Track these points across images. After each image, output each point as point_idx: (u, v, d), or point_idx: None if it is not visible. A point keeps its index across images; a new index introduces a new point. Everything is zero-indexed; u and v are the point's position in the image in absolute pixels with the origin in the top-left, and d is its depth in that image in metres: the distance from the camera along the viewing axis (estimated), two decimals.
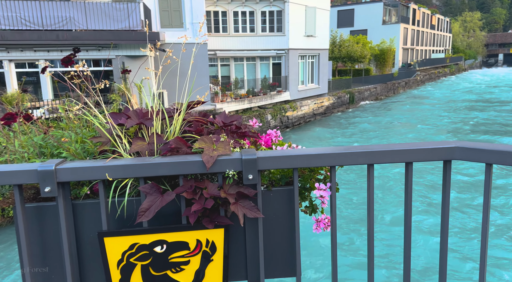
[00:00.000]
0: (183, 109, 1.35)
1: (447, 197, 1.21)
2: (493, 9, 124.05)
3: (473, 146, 1.13)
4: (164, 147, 1.24)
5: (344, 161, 1.18)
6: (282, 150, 1.26)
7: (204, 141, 1.22)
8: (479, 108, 27.01)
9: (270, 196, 1.28)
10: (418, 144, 1.18)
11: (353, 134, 20.69)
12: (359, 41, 37.52)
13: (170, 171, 1.17)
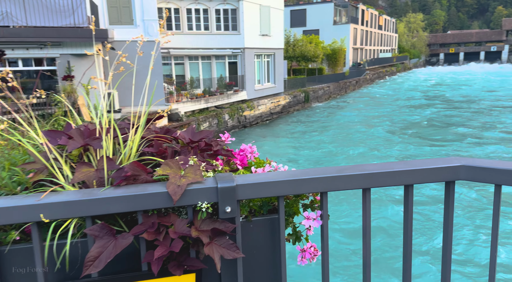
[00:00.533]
0: (141, 125, 1.10)
1: (450, 221, 1.07)
2: (434, 10, 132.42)
3: (480, 164, 1.00)
4: (118, 174, 0.99)
5: (337, 185, 1.00)
6: (265, 174, 1.05)
7: (169, 165, 0.99)
8: (426, 106, 28.42)
9: (250, 227, 1.07)
10: (419, 163, 1.03)
11: (313, 131, 20.96)
12: (312, 41, 38.25)
13: (126, 207, 0.93)
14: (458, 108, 26.27)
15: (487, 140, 17.29)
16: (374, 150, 16.03)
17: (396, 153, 15.48)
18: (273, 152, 16.45)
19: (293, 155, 15.95)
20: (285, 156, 15.79)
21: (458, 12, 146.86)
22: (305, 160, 14.89)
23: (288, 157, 15.60)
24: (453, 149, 16.13)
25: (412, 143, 17.06)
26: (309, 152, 16.17)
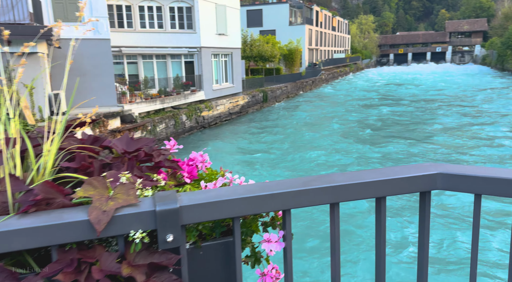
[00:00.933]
0: (58, 133, 0.88)
1: (426, 234, 0.95)
2: (383, 13, 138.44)
3: (459, 171, 0.88)
4: (25, 198, 0.77)
5: (301, 201, 0.84)
6: (217, 191, 0.85)
7: (93, 184, 0.78)
8: (379, 105, 29.50)
9: (199, 255, 0.88)
10: (392, 171, 0.90)
11: (271, 132, 20.96)
12: (269, 41, 38.48)
13: (34, 241, 0.71)
14: (408, 106, 27.45)
15: (437, 138, 18.16)
16: (332, 150, 16.16)
17: (354, 155, 15.63)
18: (229, 154, 16.15)
19: (250, 158, 15.72)
20: (242, 159, 15.44)
21: (406, 14, 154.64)
22: (262, 163, 14.61)
23: (245, 160, 15.28)
24: (408, 147, 16.75)
25: (367, 143, 17.32)
26: (267, 155, 15.90)
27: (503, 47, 55.59)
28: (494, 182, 0.84)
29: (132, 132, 17.08)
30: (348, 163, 14.08)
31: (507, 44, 54.02)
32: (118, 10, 21.35)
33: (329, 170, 13.36)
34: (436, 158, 14.65)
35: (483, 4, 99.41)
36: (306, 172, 13.16)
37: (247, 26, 49.58)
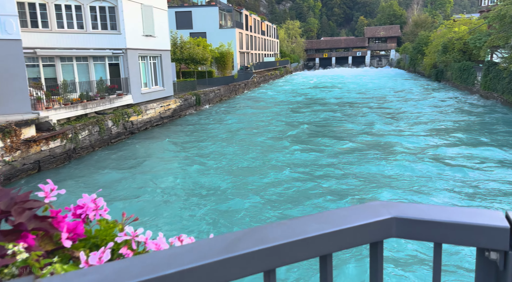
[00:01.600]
0: None
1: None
2: (308, 18, 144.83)
3: (417, 214, 0.72)
4: None
5: (221, 278, 0.61)
6: (99, 269, 0.58)
7: None
8: (306, 108, 30.18)
9: None
10: (337, 219, 0.70)
11: (203, 139, 20.43)
12: (200, 43, 37.93)
13: None
14: (335, 111, 28.35)
15: (364, 142, 18.88)
16: (265, 159, 15.61)
17: (284, 162, 15.05)
18: (155, 168, 14.89)
19: (177, 170, 14.44)
20: (168, 174, 13.90)
21: (329, 20, 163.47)
22: (191, 182, 13.08)
23: (172, 175, 13.84)
24: (335, 152, 17.26)
25: (298, 149, 16.90)
26: (197, 167, 14.56)
27: (414, 51, 61.21)
28: (458, 228, 0.70)
29: (49, 142, 15.53)
30: (272, 181, 12.82)
31: (417, 49, 59.58)
32: (31, 9, 19.37)
33: (254, 193, 11.78)
34: (363, 168, 15.12)
35: (396, 12, 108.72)
36: (224, 196, 11.71)
37: (177, 28, 48.42)
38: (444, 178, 12.63)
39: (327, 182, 12.53)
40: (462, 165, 13.90)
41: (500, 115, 23.74)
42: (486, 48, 28.97)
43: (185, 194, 12.07)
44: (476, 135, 18.61)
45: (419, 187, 11.83)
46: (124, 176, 13.91)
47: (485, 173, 12.99)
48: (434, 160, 14.59)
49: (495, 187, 11.69)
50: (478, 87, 33.12)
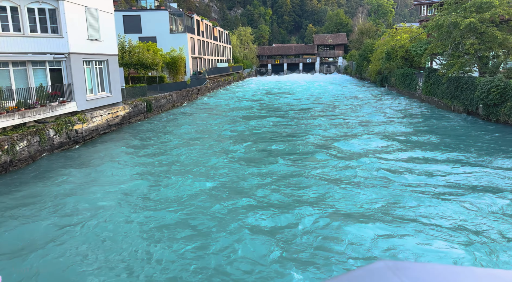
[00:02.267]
0: None
1: None
2: (260, 25, 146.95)
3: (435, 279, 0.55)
4: None
5: None
6: None
7: None
8: (259, 115, 29.70)
9: None
10: None
11: (152, 148, 19.63)
12: (150, 48, 36.88)
13: None
14: (285, 116, 28.27)
15: (317, 150, 18.96)
16: (216, 168, 14.83)
17: (237, 177, 14.08)
18: (95, 182, 13.47)
19: (119, 188, 12.89)
20: (107, 195, 12.29)
21: (280, 27, 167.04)
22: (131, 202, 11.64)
23: (110, 195, 12.24)
24: (286, 159, 17.23)
25: (245, 160, 15.88)
26: (142, 183, 13.25)
27: (360, 58, 64.12)
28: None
29: None
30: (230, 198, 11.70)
31: (363, 56, 62.46)
32: None
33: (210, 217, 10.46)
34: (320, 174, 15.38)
35: (342, 21, 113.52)
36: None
37: (125, 32, 46.83)
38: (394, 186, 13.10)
39: (270, 193, 12.03)
40: (410, 169, 14.53)
41: (440, 118, 25.37)
42: (426, 56, 30.95)
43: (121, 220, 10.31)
44: (420, 138, 19.66)
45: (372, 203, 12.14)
46: (58, 192, 12.51)
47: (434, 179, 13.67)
48: (381, 163, 15.16)
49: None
50: (420, 92, 35.25)
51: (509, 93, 20.99)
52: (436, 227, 9.44)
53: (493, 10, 23.76)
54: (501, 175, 13.20)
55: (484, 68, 25.90)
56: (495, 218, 9.86)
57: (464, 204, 10.77)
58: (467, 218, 9.94)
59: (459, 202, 10.96)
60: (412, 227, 9.48)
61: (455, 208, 10.52)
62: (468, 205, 10.70)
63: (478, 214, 10.15)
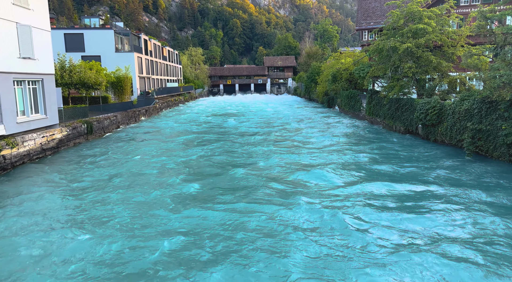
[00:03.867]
0: None
1: None
2: (211, 46, 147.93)
3: None
4: None
5: None
6: None
7: None
8: (208, 140, 27.70)
9: None
10: None
11: (91, 179, 18.02)
12: (93, 67, 35.20)
13: None
14: (237, 143, 25.74)
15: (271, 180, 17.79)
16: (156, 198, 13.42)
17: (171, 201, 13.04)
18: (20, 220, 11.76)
19: (46, 224, 11.27)
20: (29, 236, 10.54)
21: (231, 49, 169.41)
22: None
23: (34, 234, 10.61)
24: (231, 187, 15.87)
25: (186, 191, 14.41)
26: (72, 219, 11.65)
27: (308, 80, 66.19)
28: None
29: None
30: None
31: (311, 78, 64.55)
32: None
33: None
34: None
35: (291, 44, 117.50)
36: None
37: (66, 50, 44.61)
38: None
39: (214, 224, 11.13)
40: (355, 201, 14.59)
41: (382, 137, 26.36)
42: (368, 78, 32.41)
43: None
44: (362, 159, 20.11)
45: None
46: None
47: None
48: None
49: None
50: (364, 113, 36.71)
51: (445, 114, 22.30)
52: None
53: (427, 36, 25.48)
54: (435, 193, 13.66)
55: (422, 90, 27.52)
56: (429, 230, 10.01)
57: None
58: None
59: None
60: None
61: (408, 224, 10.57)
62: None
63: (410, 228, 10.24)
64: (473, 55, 21.66)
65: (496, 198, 13.04)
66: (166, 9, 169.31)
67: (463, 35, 26.49)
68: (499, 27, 20.68)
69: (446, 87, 27.04)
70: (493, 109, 18.31)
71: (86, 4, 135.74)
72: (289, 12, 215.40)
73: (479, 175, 16.08)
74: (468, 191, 13.84)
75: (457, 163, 18.26)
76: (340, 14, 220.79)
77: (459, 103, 20.86)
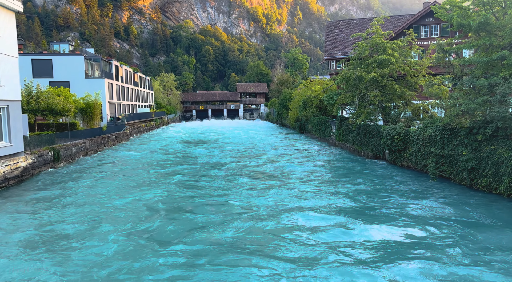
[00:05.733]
0: None
1: None
2: (184, 72, 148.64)
3: None
4: None
5: None
6: None
7: None
8: (177, 171, 25.87)
9: None
10: None
11: (55, 212, 17.20)
12: (61, 93, 34.49)
13: None
14: (205, 177, 23.05)
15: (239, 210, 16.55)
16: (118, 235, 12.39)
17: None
18: None
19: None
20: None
21: (203, 75, 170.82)
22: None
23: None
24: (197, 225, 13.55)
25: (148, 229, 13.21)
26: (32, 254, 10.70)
27: (280, 106, 67.50)
28: None
29: None
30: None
31: (282, 104, 65.89)
32: None
33: None
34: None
35: (263, 71, 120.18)
36: None
37: (33, 76, 43.61)
38: None
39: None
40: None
41: (350, 162, 27.05)
42: (337, 105, 33.55)
43: None
44: (332, 185, 20.50)
45: None
46: None
47: None
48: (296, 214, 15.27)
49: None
50: (334, 138, 37.68)
51: (410, 140, 23.30)
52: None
53: (391, 67, 26.90)
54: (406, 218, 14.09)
55: (387, 117, 28.73)
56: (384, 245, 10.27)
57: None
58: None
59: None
60: None
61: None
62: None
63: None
64: (434, 85, 23.02)
65: (451, 220, 13.63)
66: (138, 36, 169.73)
67: (424, 65, 28.18)
68: (457, 59, 22.19)
69: (410, 114, 28.38)
70: (454, 136, 19.35)
71: (55, 30, 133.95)
72: (261, 40, 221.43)
73: (440, 197, 16.82)
74: (429, 211, 14.41)
75: (422, 186, 18.99)
76: (310, 44, 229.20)
77: (422, 130, 21.90)
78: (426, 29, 37.41)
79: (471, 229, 12.75)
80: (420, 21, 37.43)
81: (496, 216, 14.19)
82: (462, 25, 19.63)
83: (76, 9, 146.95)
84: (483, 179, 17.43)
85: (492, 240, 11.78)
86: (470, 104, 17.69)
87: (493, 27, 18.85)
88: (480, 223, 13.43)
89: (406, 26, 37.17)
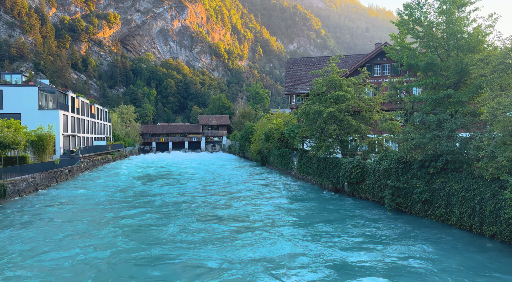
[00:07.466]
0: None
1: None
2: (144, 104, 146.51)
3: None
4: None
5: None
6: None
7: None
8: (127, 209, 23.83)
9: None
10: None
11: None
12: (11, 125, 32.61)
13: None
14: (160, 212, 21.97)
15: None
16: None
17: None
18: None
19: None
20: None
21: (164, 107, 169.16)
22: None
23: None
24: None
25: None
26: None
27: (242, 139, 67.86)
28: None
29: None
30: None
31: (245, 136, 66.33)
32: None
33: None
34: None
35: (225, 104, 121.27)
36: None
37: None
38: None
39: None
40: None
41: (311, 195, 27.31)
42: (298, 138, 34.25)
43: None
44: (291, 218, 20.48)
45: None
46: None
47: None
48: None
49: None
50: (295, 170, 38.13)
51: (367, 172, 24.06)
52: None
53: (347, 102, 28.14)
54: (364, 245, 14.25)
55: (345, 150, 29.66)
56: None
57: None
58: None
59: None
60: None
61: None
62: None
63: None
64: (387, 120, 24.25)
65: (407, 247, 13.99)
66: (96, 67, 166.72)
67: (378, 102, 29.76)
68: (407, 96, 23.68)
69: (367, 147, 29.51)
70: (408, 169, 20.23)
71: (7, 60, 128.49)
72: (223, 74, 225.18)
73: (395, 228, 17.30)
74: (384, 241, 14.71)
75: (378, 218, 19.45)
76: (270, 79, 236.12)
77: (378, 163, 22.75)
78: (379, 68, 39.89)
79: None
80: (373, 60, 39.92)
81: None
82: (411, 65, 21.14)
83: (31, 39, 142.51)
84: (437, 210, 18.19)
85: None
86: (421, 139, 18.72)
87: (438, 67, 20.45)
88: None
89: (360, 64, 39.45)
